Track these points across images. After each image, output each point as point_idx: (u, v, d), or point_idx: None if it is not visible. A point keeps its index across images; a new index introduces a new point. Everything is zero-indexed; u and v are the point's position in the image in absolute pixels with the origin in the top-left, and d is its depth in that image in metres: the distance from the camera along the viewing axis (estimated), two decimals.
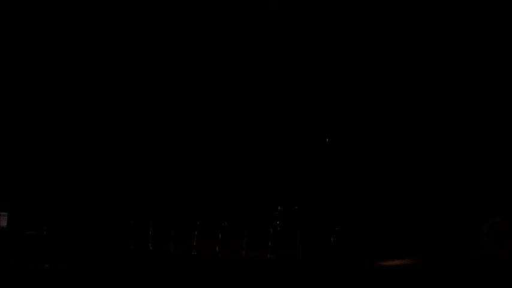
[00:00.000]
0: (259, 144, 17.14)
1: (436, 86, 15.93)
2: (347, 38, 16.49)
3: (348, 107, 16.51)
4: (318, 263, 15.39)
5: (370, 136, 16.28)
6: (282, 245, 16.03)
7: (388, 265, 14.96)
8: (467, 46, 15.71)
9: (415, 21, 16.02)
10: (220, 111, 17.63)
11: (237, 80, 17.51)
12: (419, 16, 16.02)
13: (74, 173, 18.28)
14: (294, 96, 16.99)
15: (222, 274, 15.09)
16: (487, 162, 15.31)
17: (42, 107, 18.45)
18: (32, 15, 18.25)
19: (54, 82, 18.47)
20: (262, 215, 16.43)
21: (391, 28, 16.23)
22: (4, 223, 17.65)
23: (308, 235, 15.99)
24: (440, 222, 15.27)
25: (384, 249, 15.26)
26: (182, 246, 16.71)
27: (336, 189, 16.28)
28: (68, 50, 18.25)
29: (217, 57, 17.53)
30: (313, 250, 15.78)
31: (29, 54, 18.35)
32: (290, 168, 16.79)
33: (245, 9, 17.09)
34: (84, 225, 17.54)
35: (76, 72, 18.42)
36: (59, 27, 18.19)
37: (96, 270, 15.48)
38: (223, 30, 17.37)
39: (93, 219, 17.56)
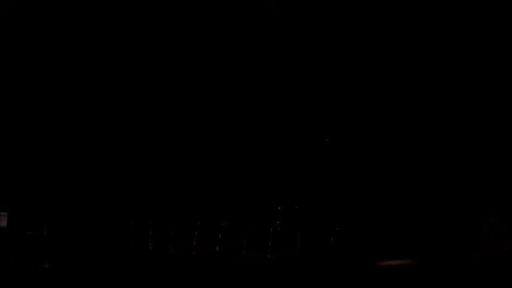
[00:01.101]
0: (258, 143, 17.12)
1: (436, 85, 15.91)
2: (347, 39, 16.47)
3: (348, 107, 16.49)
4: (318, 263, 15.38)
5: (370, 136, 16.27)
6: (282, 245, 16.02)
7: (388, 265, 14.94)
8: (466, 46, 15.69)
9: (415, 22, 16.00)
10: (219, 111, 17.62)
11: (236, 79, 17.49)
12: (419, 16, 16.00)
13: (73, 173, 18.27)
14: (293, 96, 16.98)
15: (222, 274, 15.08)
16: (487, 162, 15.29)
17: (42, 107, 18.44)
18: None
19: (53, 82, 18.46)
20: (262, 215, 16.42)
21: (391, 28, 16.21)
22: (4, 223, 17.64)
23: (308, 235, 15.98)
24: (440, 222, 15.26)
25: (384, 249, 15.25)
26: (182, 246, 16.70)
27: (335, 189, 16.26)
28: (67, 50, 18.25)
29: (216, 56, 17.51)
30: (313, 250, 15.77)
31: (30, 55, 18.35)
32: (290, 168, 16.78)
33: (245, 9, 17.08)
34: (84, 225, 17.53)
35: (75, 72, 18.41)
36: (55, 28, 18.20)
37: (96, 270, 15.47)
38: (222, 30, 17.35)
39: (93, 219, 17.55)
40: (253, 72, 17.36)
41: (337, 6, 16.55)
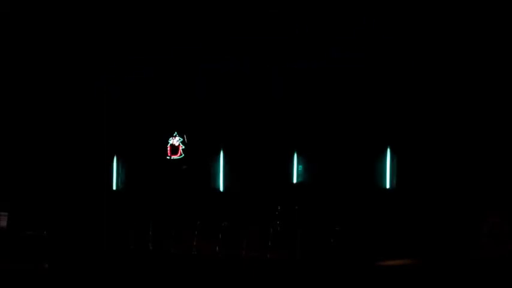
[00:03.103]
0: (258, 144, 17.14)
1: (435, 87, 15.93)
2: (346, 39, 16.51)
3: (345, 106, 16.51)
4: (318, 263, 15.38)
5: (369, 136, 16.29)
6: (282, 245, 16.02)
7: (388, 265, 14.96)
8: (463, 46, 15.71)
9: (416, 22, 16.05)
10: (217, 112, 17.65)
11: (236, 80, 17.54)
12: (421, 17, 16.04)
13: (73, 174, 18.28)
14: (292, 95, 17.01)
15: (222, 274, 15.08)
16: (487, 162, 15.32)
17: (42, 109, 18.48)
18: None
19: (55, 86, 18.51)
20: (262, 215, 16.43)
21: (386, 30, 16.27)
22: (4, 223, 17.65)
23: (308, 235, 15.98)
24: (440, 222, 15.28)
25: (383, 249, 15.26)
26: (182, 246, 16.71)
27: (335, 190, 16.27)
28: (71, 54, 18.31)
29: (215, 57, 17.55)
30: (313, 250, 15.77)
31: (35, 56, 18.39)
32: (290, 169, 16.80)
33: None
34: (84, 226, 17.55)
35: (75, 76, 18.47)
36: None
37: (96, 270, 15.47)
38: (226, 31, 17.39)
39: (93, 219, 17.57)
40: (253, 73, 17.42)
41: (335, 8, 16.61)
